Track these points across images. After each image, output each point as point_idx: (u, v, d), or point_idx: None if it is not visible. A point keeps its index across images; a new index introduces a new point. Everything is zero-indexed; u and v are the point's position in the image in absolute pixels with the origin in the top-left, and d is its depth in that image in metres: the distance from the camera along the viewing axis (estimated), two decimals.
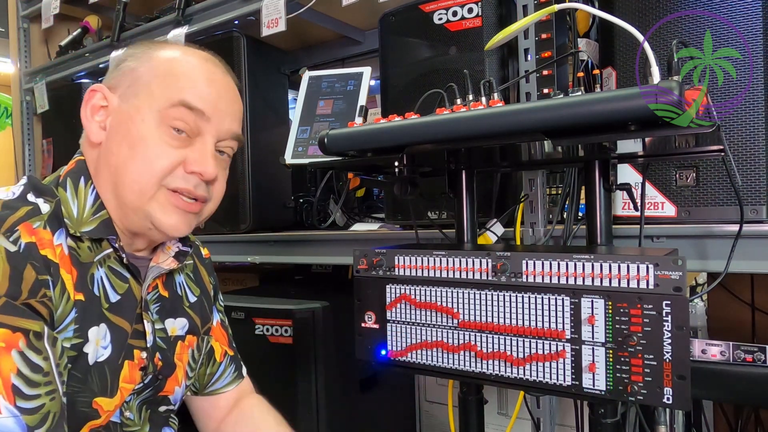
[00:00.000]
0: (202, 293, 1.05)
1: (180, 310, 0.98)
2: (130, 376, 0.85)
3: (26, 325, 0.71)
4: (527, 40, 1.19)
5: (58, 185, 0.85)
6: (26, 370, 0.70)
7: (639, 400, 0.77)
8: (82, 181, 0.85)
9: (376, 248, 0.99)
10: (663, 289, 0.75)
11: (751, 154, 0.99)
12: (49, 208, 0.80)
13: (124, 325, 0.85)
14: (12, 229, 0.74)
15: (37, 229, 0.76)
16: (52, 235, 0.78)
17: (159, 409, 0.95)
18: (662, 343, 0.75)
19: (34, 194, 0.81)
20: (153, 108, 0.83)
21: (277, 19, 1.56)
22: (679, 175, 1.06)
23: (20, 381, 0.69)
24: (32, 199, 0.80)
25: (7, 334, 0.69)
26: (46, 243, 0.76)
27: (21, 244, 0.73)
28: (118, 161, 0.83)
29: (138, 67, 0.87)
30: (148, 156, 0.82)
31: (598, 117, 0.75)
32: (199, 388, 1.08)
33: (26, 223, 0.76)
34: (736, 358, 1.04)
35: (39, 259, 0.74)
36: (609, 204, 0.97)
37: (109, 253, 0.85)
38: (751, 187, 1.00)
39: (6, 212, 0.76)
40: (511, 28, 0.99)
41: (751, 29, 0.99)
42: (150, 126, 0.83)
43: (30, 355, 0.70)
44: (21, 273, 0.72)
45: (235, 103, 0.92)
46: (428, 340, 0.93)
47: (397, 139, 0.92)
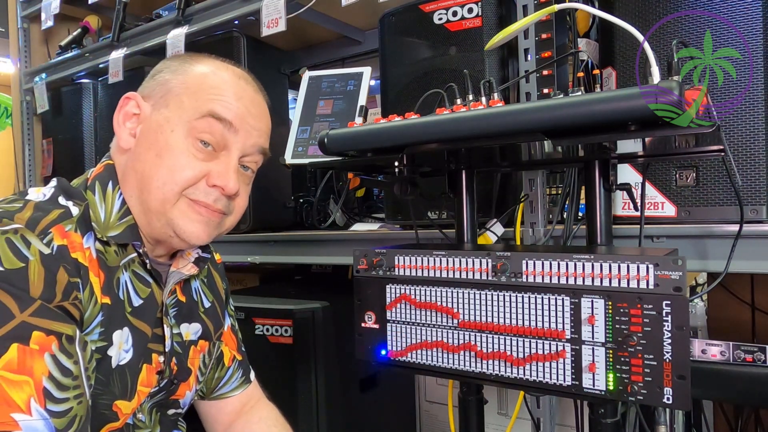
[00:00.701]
0: (216, 299, 1.05)
1: (195, 315, 0.99)
2: (147, 380, 0.86)
3: (60, 329, 0.71)
4: (527, 40, 1.19)
5: (86, 189, 0.85)
6: (57, 373, 0.70)
7: (639, 400, 0.77)
8: (110, 185, 0.86)
9: (376, 248, 0.99)
10: (663, 289, 0.75)
11: (751, 154, 1.00)
12: (78, 211, 0.80)
13: (145, 329, 0.86)
14: (45, 231, 0.74)
15: (68, 232, 0.77)
16: (81, 238, 0.78)
17: (168, 412, 0.95)
18: (662, 343, 0.75)
19: (64, 197, 0.82)
20: (182, 119, 0.84)
21: (277, 19, 1.55)
22: (679, 175, 1.06)
23: (51, 384, 0.69)
24: (63, 202, 0.81)
25: (41, 337, 0.69)
26: (77, 246, 0.77)
27: (54, 246, 0.74)
28: (144, 168, 0.84)
29: (171, 79, 0.87)
30: (174, 165, 0.83)
31: (598, 117, 0.75)
32: (206, 392, 1.08)
33: (59, 226, 0.76)
34: (736, 358, 1.04)
35: (71, 261, 0.75)
36: (609, 204, 0.97)
37: (133, 258, 0.86)
38: (751, 187, 1.00)
39: (39, 214, 0.76)
40: (511, 28, 0.99)
41: (751, 29, 0.99)
42: (178, 136, 0.84)
43: (62, 359, 0.71)
44: (54, 275, 0.72)
45: (263, 119, 0.92)
46: (428, 340, 0.93)
47: (397, 139, 0.92)
